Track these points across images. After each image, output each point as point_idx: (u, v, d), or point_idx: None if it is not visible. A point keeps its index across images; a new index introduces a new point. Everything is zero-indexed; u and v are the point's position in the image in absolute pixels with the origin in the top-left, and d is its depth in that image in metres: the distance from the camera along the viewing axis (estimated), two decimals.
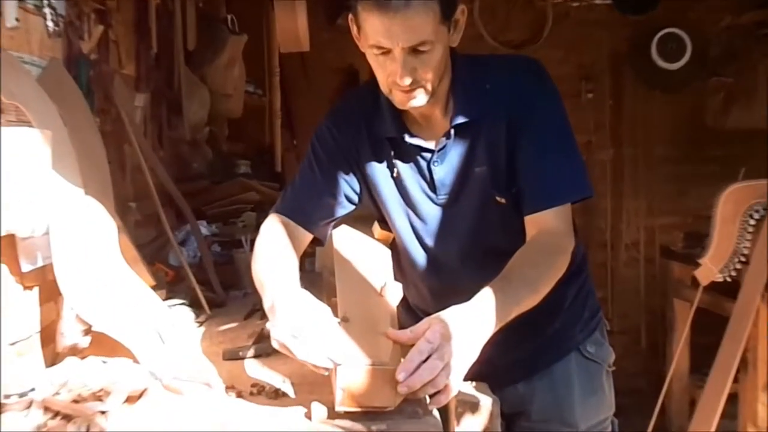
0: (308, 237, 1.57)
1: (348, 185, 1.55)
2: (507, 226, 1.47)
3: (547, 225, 1.39)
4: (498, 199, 1.45)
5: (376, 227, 1.63)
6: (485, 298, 1.21)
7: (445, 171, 1.47)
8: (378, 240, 1.63)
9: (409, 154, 1.50)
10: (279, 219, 1.55)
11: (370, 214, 1.63)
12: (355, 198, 1.57)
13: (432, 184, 1.49)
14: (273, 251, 1.44)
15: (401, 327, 1.25)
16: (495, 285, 1.23)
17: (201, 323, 1.88)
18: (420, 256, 1.57)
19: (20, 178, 1.31)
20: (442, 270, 1.56)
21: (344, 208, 1.56)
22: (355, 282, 1.45)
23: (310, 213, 1.55)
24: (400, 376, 1.12)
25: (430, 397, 1.16)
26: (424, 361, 1.12)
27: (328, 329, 1.19)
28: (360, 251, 1.58)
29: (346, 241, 1.61)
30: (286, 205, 1.57)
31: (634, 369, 4.07)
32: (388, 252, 1.59)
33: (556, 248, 1.38)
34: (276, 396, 1.32)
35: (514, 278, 1.28)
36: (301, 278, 1.35)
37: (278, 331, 1.20)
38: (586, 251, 1.69)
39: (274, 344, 1.21)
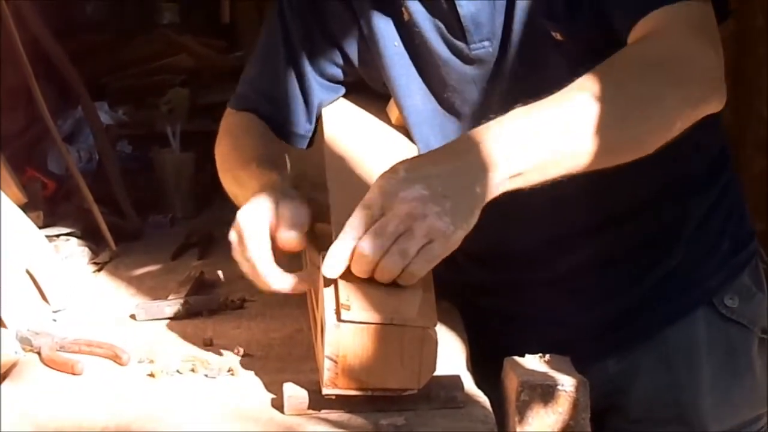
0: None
1: (326, 54, 1.61)
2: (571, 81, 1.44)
3: (653, 29, 1.33)
4: (554, 35, 1.45)
5: (392, 107, 1.62)
6: (490, 125, 1.22)
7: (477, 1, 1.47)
8: (397, 126, 1.63)
9: None
10: (246, 118, 1.66)
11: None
12: (339, 74, 1.63)
13: (459, 28, 1.49)
14: (250, 143, 1.59)
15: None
16: (521, 109, 1.24)
17: (102, 265, 1.90)
18: None
19: None
20: None
21: (322, 95, 1.64)
22: (359, 193, 1.40)
23: (282, 107, 1.64)
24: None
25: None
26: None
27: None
28: (368, 143, 1.58)
29: (346, 127, 1.61)
30: (250, 96, 1.68)
31: None
32: (412, 146, 1.59)
33: (662, 52, 1.30)
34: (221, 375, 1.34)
35: (566, 97, 1.24)
36: None
37: (243, 214, 1.31)
38: (728, 148, 1.67)
39: (232, 238, 1.32)
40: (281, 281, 1.28)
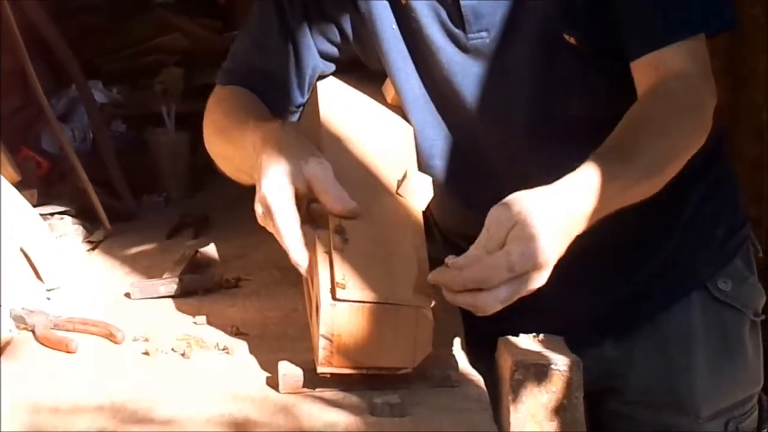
0: None
1: (322, 30, 1.60)
2: (585, 84, 1.48)
3: (671, 67, 1.40)
4: (567, 38, 1.45)
5: (388, 86, 1.61)
6: (583, 171, 1.28)
7: None
8: (392, 106, 1.62)
9: None
10: (239, 90, 1.65)
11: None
12: (334, 51, 1.62)
13: (458, 15, 1.49)
14: (245, 106, 1.59)
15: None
16: (598, 156, 1.30)
17: (96, 244, 1.90)
18: (440, 143, 1.59)
19: None
20: (475, 167, 1.58)
21: (316, 69, 1.64)
22: (354, 173, 1.44)
23: (274, 84, 1.63)
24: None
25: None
26: None
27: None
28: (363, 123, 1.58)
29: (341, 105, 1.60)
30: (240, 72, 1.66)
31: None
32: (408, 126, 1.58)
33: (691, 100, 1.41)
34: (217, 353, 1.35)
35: (631, 148, 1.34)
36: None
37: (268, 185, 1.29)
38: (725, 136, 1.68)
39: (257, 210, 1.30)
40: (304, 259, 1.28)
